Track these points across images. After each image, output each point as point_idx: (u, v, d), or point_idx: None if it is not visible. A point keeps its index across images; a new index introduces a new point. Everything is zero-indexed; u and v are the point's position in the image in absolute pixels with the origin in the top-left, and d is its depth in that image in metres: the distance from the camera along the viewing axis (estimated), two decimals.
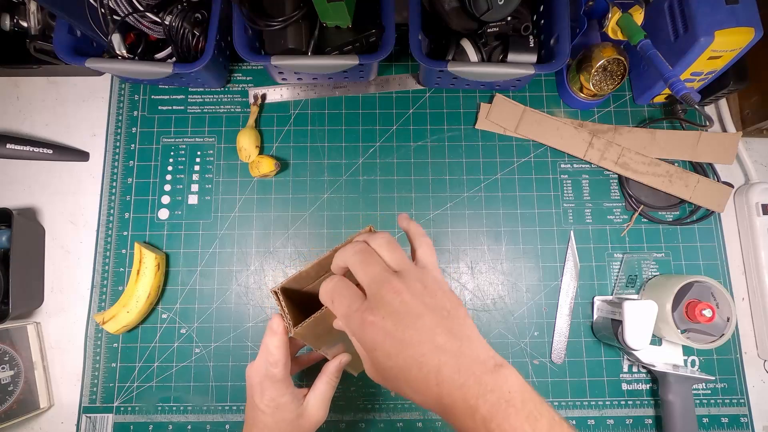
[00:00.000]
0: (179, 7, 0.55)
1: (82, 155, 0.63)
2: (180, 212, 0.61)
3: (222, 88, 0.65)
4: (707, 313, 0.51)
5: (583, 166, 0.63)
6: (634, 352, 0.53)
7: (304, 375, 0.56)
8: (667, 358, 0.56)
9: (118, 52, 0.57)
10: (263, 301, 0.60)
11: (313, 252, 0.61)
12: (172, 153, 0.63)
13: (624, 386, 0.58)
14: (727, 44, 0.50)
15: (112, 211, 0.61)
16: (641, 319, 0.51)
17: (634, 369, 0.58)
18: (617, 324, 0.54)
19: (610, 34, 0.58)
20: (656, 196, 0.62)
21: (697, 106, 0.50)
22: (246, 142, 0.60)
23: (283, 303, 0.38)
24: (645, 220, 0.62)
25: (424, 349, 0.28)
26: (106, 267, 0.60)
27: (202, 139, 0.63)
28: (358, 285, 0.32)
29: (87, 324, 0.59)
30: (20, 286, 0.55)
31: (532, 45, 0.56)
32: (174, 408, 0.57)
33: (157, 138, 0.63)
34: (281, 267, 0.60)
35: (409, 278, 0.30)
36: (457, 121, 0.64)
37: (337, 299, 0.31)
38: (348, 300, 0.31)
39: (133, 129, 0.64)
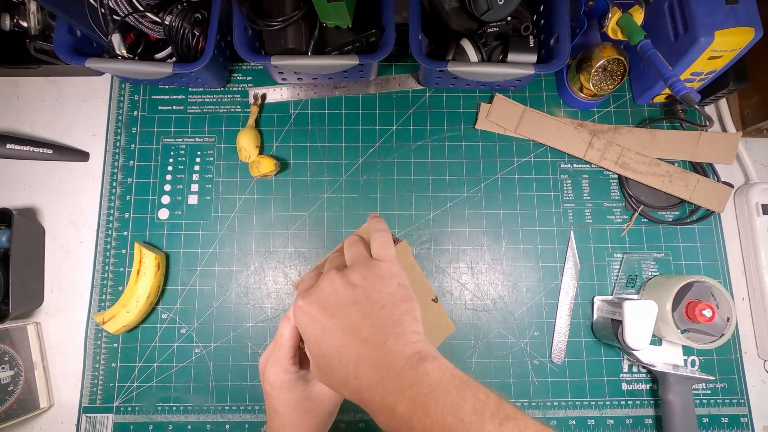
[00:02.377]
0: (179, 7, 0.55)
1: (82, 155, 0.63)
2: (180, 212, 0.61)
3: (222, 88, 0.65)
4: (707, 313, 0.51)
5: (583, 166, 0.63)
6: (634, 352, 0.53)
7: None
8: (667, 358, 0.56)
9: (118, 52, 0.57)
10: (263, 301, 0.60)
11: (313, 252, 0.61)
12: (172, 153, 0.63)
13: (624, 386, 0.58)
14: (727, 44, 0.50)
15: (112, 211, 0.61)
16: (641, 319, 0.51)
17: (634, 369, 0.58)
18: (617, 324, 0.54)
19: (610, 34, 0.58)
20: (656, 196, 0.62)
21: (697, 106, 0.50)
22: (246, 142, 0.60)
23: None
24: (645, 220, 0.62)
25: (346, 339, 0.28)
26: (106, 267, 0.60)
27: (202, 139, 0.63)
28: None
29: (87, 324, 0.59)
30: (20, 286, 0.55)
31: (532, 45, 0.56)
32: (174, 408, 0.57)
33: (157, 138, 0.63)
34: (281, 267, 0.60)
35: (351, 271, 0.31)
36: (457, 121, 0.64)
37: (300, 286, 0.33)
38: (301, 287, 0.32)
39: (133, 129, 0.64)
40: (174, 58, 0.58)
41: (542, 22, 0.58)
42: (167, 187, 0.62)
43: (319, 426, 0.37)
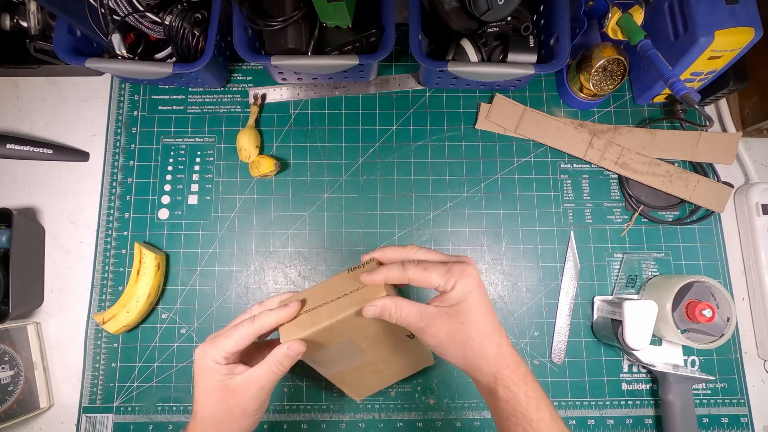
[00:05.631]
0: (179, 7, 0.55)
1: (82, 155, 0.63)
2: (180, 212, 0.61)
3: (222, 88, 0.65)
4: (707, 313, 0.51)
5: (583, 166, 0.63)
6: (634, 352, 0.53)
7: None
8: (667, 358, 0.56)
9: (118, 52, 0.57)
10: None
11: (313, 252, 0.61)
12: (172, 153, 0.63)
13: (624, 386, 0.58)
14: (727, 44, 0.50)
15: (112, 211, 0.61)
16: (641, 319, 0.51)
17: (634, 369, 0.58)
18: (617, 324, 0.54)
19: (610, 34, 0.58)
20: (656, 196, 0.62)
21: (697, 106, 0.50)
22: (246, 142, 0.60)
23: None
24: (645, 220, 0.62)
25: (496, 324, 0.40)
26: (106, 267, 0.60)
27: (202, 139, 0.63)
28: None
29: (87, 324, 0.59)
30: (20, 286, 0.55)
31: (532, 45, 0.56)
32: (174, 408, 0.57)
33: (157, 138, 0.63)
34: (281, 267, 0.60)
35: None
36: (457, 121, 0.64)
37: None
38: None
39: (133, 129, 0.64)
40: (174, 58, 0.58)
41: (542, 22, 0.58)
42: (167, 187, 0.62)
43: (231, 420, 0.37)
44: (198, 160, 0.63)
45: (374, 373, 0.47)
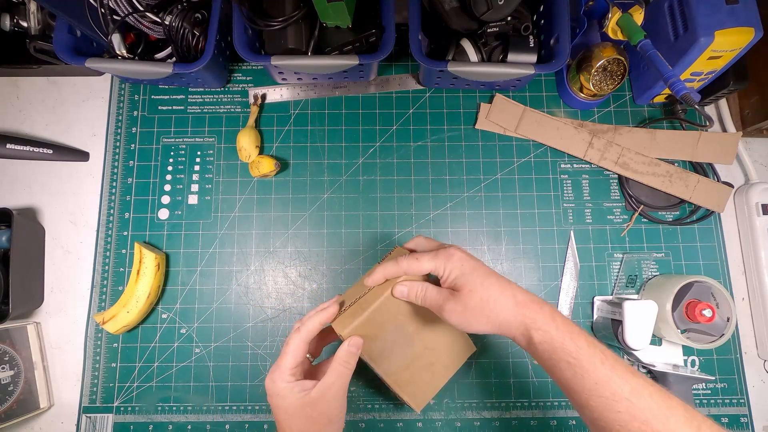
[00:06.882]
0: (179, 7, 0.55)
1: (82, 155, 0.63)
2: (180, 212, 0.61)
3: (222, 88, 0.65)
4: (707, 313, 0.51)
5: (583, 166, 0.63)
6: (634, 352, 0.53)
7: None
8: (667, 358, 0.56)
9: (118, 52, 0.57)
10: (263, 301, 0.60)
11: (313, 252, 0.61)
12: (172, 153, 0.63)
13: None
14: (727, 44, 0.50)
15: (112, 211, 0.61)
16: (641, 319, 0.51)
17: None
18: (617, 324, 0.54)
19: (610, 34, 0.58)
20: (656, 196, 0.62)
21: (697, 106, 0.50)
22: (246, 142, 0.60)
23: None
24: (645, 220, 0.62)
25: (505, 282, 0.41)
26: (106, 267, 0.60)
27: (202, 139, 0.63)
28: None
29: (87, 324, 0.59)
30: (20, 286, 0.55)
31: (532, 45, 0.56)
32: (174, 408, 0.57)
33: (157, 138, 0.63)
34: (281, 267, 0.60)
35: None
36: (457, 121, 0.64)
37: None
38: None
39: (133, 129, 0.64)
40: (174, 58, 0.58)
41: (542, 22, 0.58)
42: (167, 187, 0.62)
43: (320, 429, 0.39)
44: (198, 160, 0.63)
45: (426, 369, 0.48)
